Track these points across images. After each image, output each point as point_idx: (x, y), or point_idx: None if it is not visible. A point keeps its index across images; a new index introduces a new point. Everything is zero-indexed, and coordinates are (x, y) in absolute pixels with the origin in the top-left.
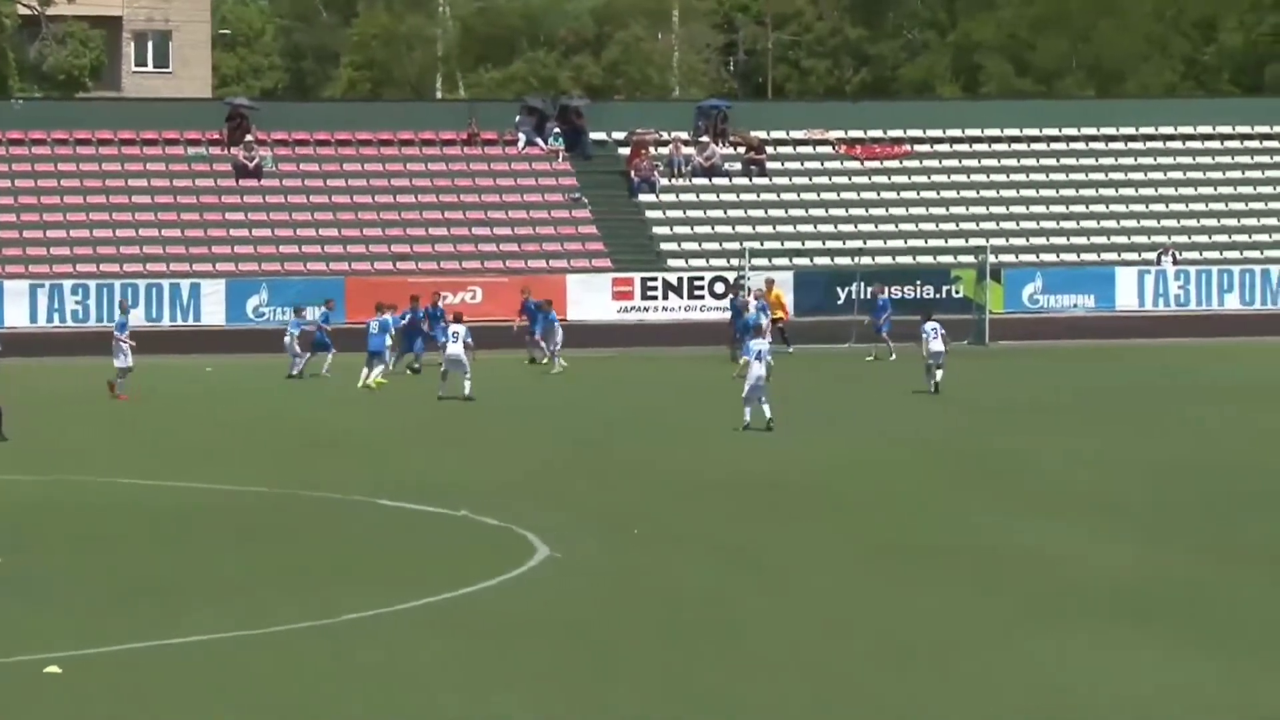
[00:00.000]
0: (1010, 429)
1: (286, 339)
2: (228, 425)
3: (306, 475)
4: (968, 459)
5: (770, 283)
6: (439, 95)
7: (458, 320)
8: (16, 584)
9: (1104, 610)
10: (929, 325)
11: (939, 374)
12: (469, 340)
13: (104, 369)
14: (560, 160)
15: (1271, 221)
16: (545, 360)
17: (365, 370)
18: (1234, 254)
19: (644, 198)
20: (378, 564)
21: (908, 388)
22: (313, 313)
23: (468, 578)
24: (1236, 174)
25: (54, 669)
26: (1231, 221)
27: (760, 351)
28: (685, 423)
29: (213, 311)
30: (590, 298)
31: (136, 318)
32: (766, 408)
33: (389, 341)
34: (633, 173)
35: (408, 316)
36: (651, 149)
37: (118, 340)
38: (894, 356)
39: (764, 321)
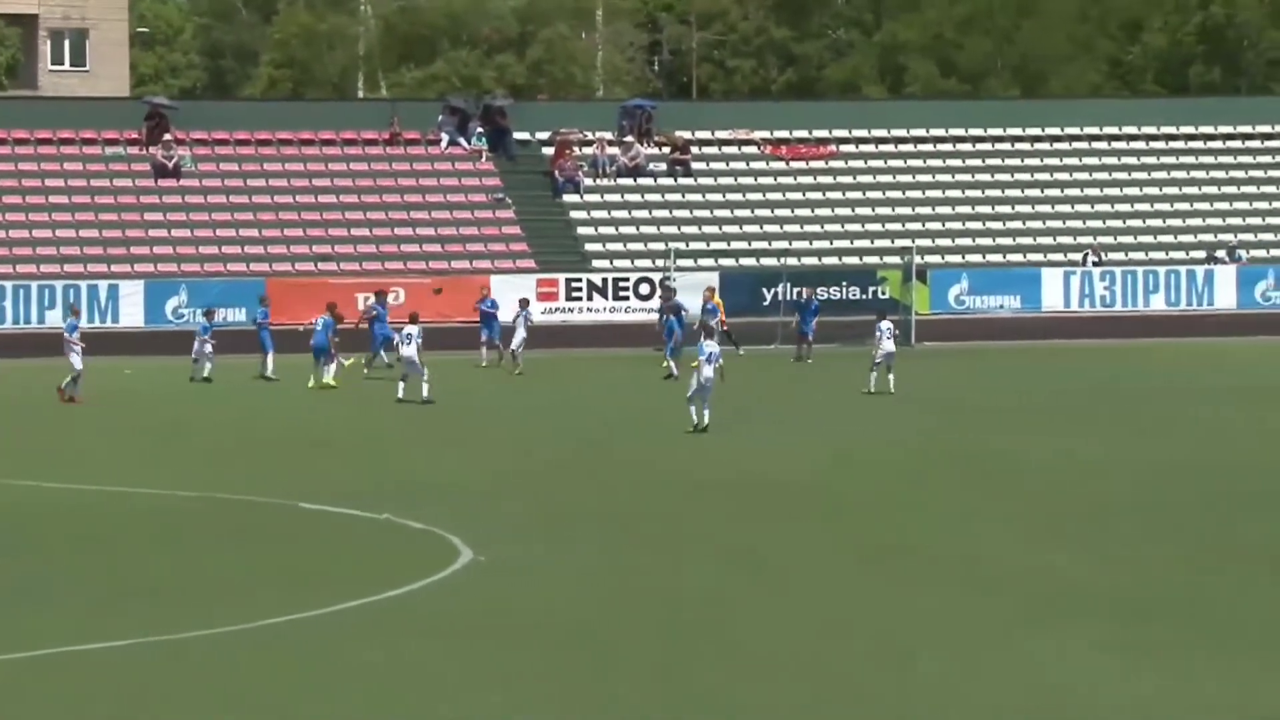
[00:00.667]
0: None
1: (196, 343)
2: (149, 428)
3: (229, 479)
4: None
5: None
6: (360, 94)
7: (413, 321)
8: None
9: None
10: (884, 324)
11: (890, 375)
12: (420, 341)
13: (21, 371)
14: (483, 160)
15: (1196, 222)
16: (504, 361)
17: (326, 369)
18: (1159, 254)
19: (568, 198)
20: (295, 568)
21: (852, 388)
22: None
23: (385, 582)
24: (1161, 174)
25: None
26: (1156, 222)
27: (712, 354)
28: (625, 424)
29: (131, 313)
30: (514, 299)
31: (54, 319)
32: (706, 412)
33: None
34: (557, 173)
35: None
36: (576, 149)
37: (69, 342)
38: (810, 360)
39: (713, 323)
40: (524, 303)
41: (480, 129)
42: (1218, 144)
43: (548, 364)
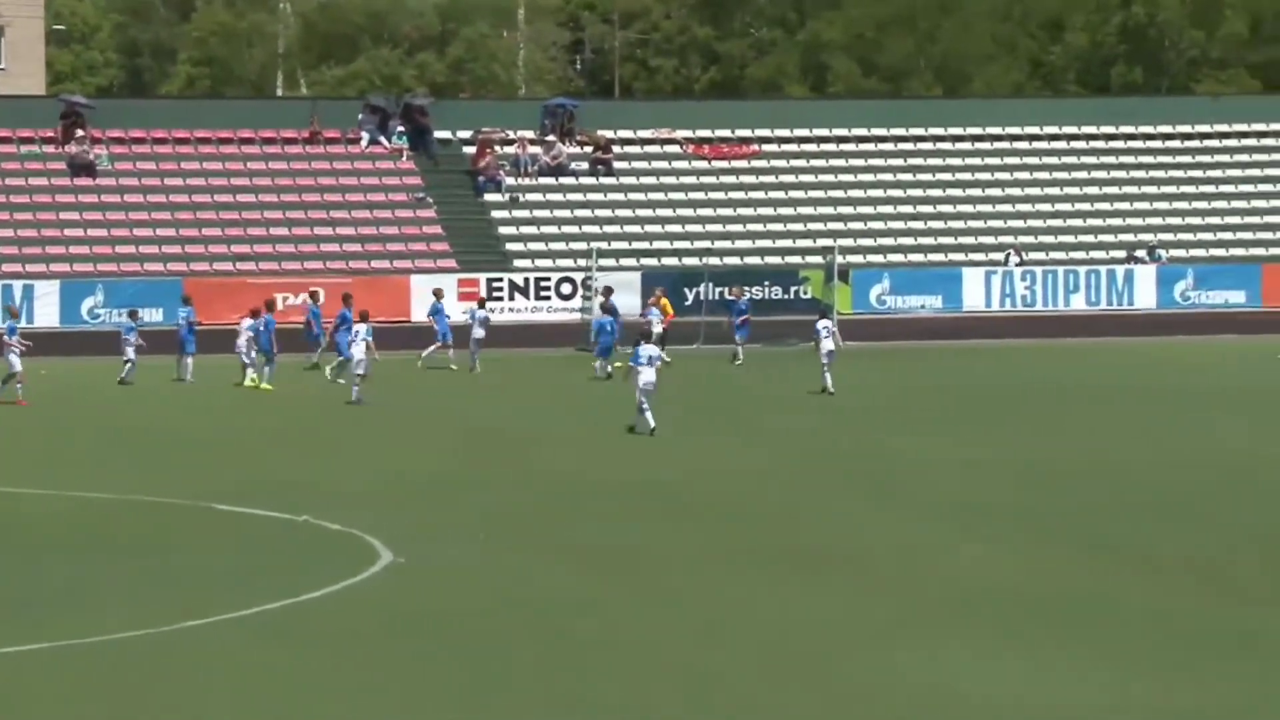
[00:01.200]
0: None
1: (124, 344)
2: (66, 430)
3: (146, 481)
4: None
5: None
6: (280, 93)
7: (364, 320)
8: None
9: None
10: (821, 324)
11: (827, 375)
12: (369, 340)
13: None
14: (404, 159)
15: (1116, 222)
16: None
17: (263, 370)
18: (1080, 254)
19: (490, 197)
20: (206, 571)
21: (786, 389)
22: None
23: (305, 584)
24: (1082, 174)
25: None
26: (1077, 222)
27: (651, 357)
28: (552, 425)
29: (46, 313)
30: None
31: None
32: (649, 415)
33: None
34: (478, 172)
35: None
36: (497, 148)
37: (7, 344)
38: (740, 360)
39: (657, 328)
40: (481, 302)
41: (401, 128)
42: (1138, 144)
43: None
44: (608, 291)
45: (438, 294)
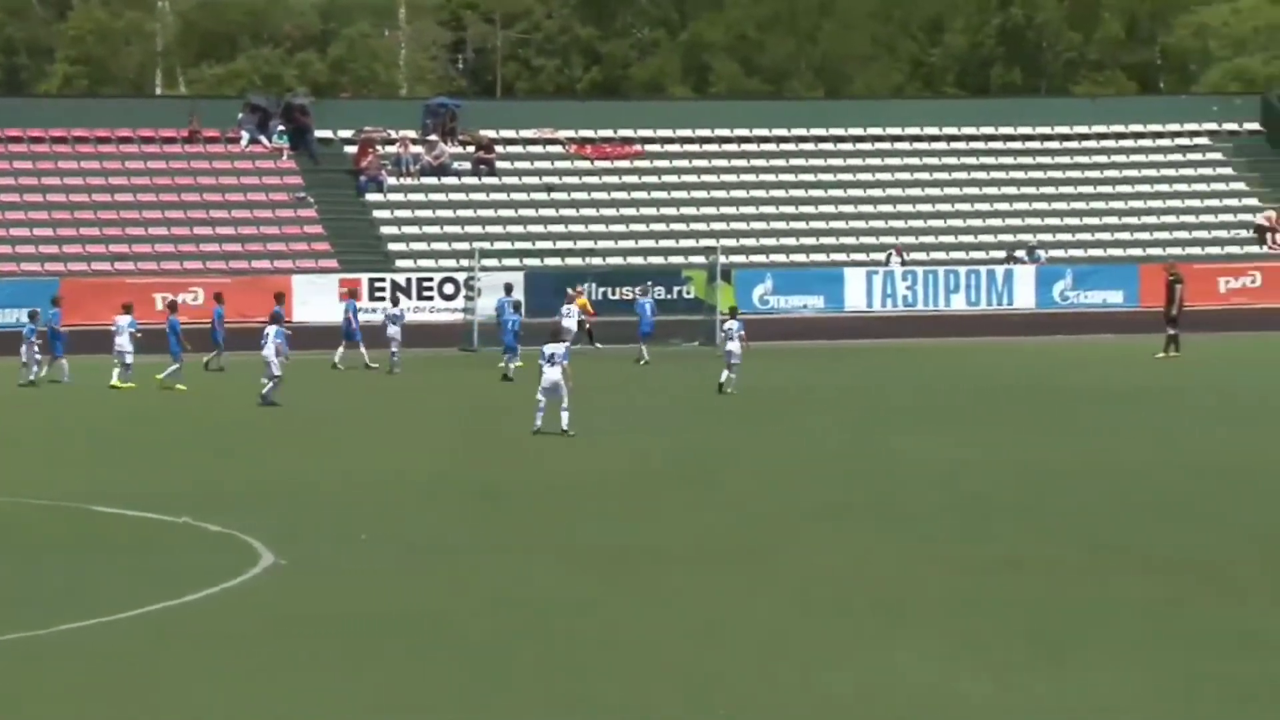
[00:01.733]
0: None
1: (23, 346)
2: None
3: (30, 483)
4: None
5: (580, 290)
6: (159, 92)
7: (274, 321)
8: None
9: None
10: (729, 324)
11: (733, 375)
12: (280, 341)
13: None
14: (285, 159)
15: (996, 222)
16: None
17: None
18: (960, 254)
19: (371, 197)
20: (83, 574)
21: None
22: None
23: (184, 586)
24: (963, 175)
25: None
26: (958, 222)
27: (554, 355)
28: (440, 426)
29: None
30: (317, 299)
31: None
32: (565, 414)
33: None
34: (360, 172)
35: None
36: (379, 147)
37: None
38: (645, 360)
39: (570, 325)
40: (395, 301)
41: (281, 127)
42: (1017, 144)
43: (357, 365)
44: (508, 289)
45: (353, 293)
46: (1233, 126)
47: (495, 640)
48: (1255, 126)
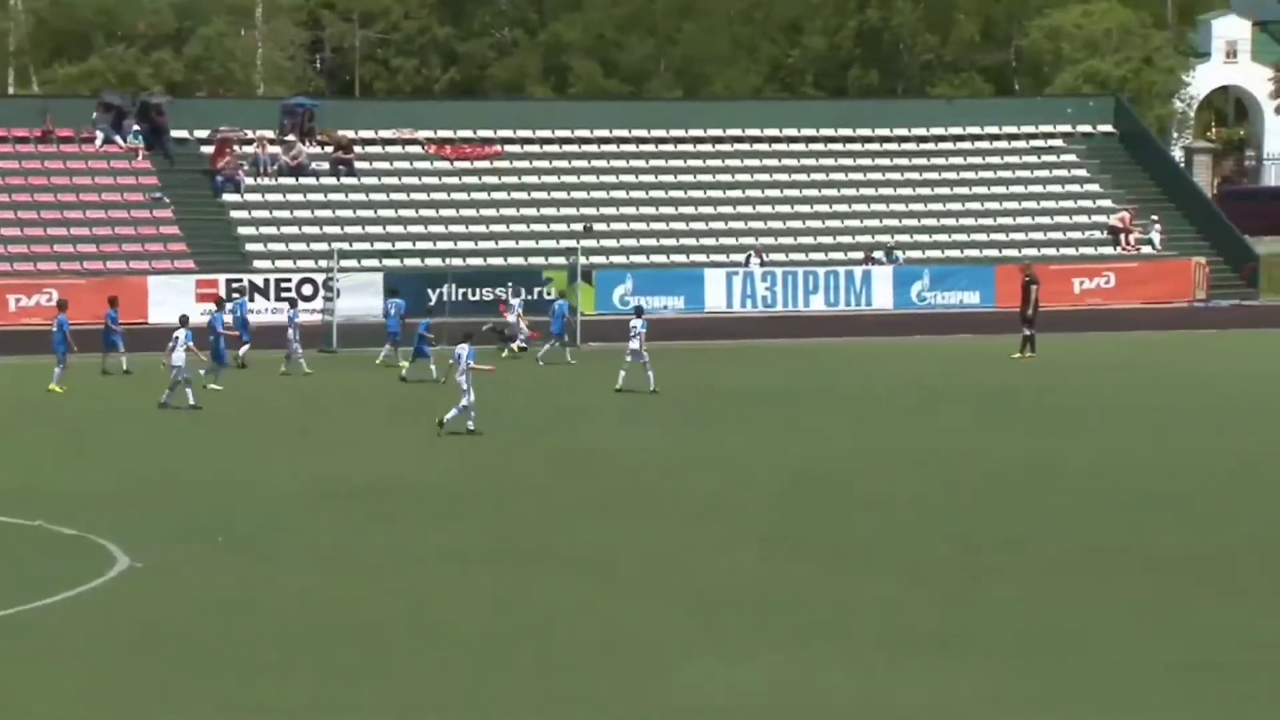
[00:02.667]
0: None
1: None
2: None
3: None
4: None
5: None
6: (11, 91)
7: (183, 324)
8: None
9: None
10: (636, 323)
11: (623, 372)
12: (190, 344)
13: None
14: (140, 158)
15: (854, 223)
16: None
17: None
18: (819, 255)
19: (228, 197)
20: None
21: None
22: None
23: (37, 590)
24: (821, 176)
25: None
26: (816, 223)
27: (460, 355)
28: (305, 428)
29: None
30: (174, 300)
31: None
32: (454, 411)
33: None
34: (217, 172)
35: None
36: (236, 147)
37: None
38: (572, 360)
39: (511, 317)
40: (293, 303)
41: (137, 126)
42: (875, 146)
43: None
44: (394, 292)
45: (241, 291)
46: (1086, 128)
47: (335, 639)
48: (1108, 128)
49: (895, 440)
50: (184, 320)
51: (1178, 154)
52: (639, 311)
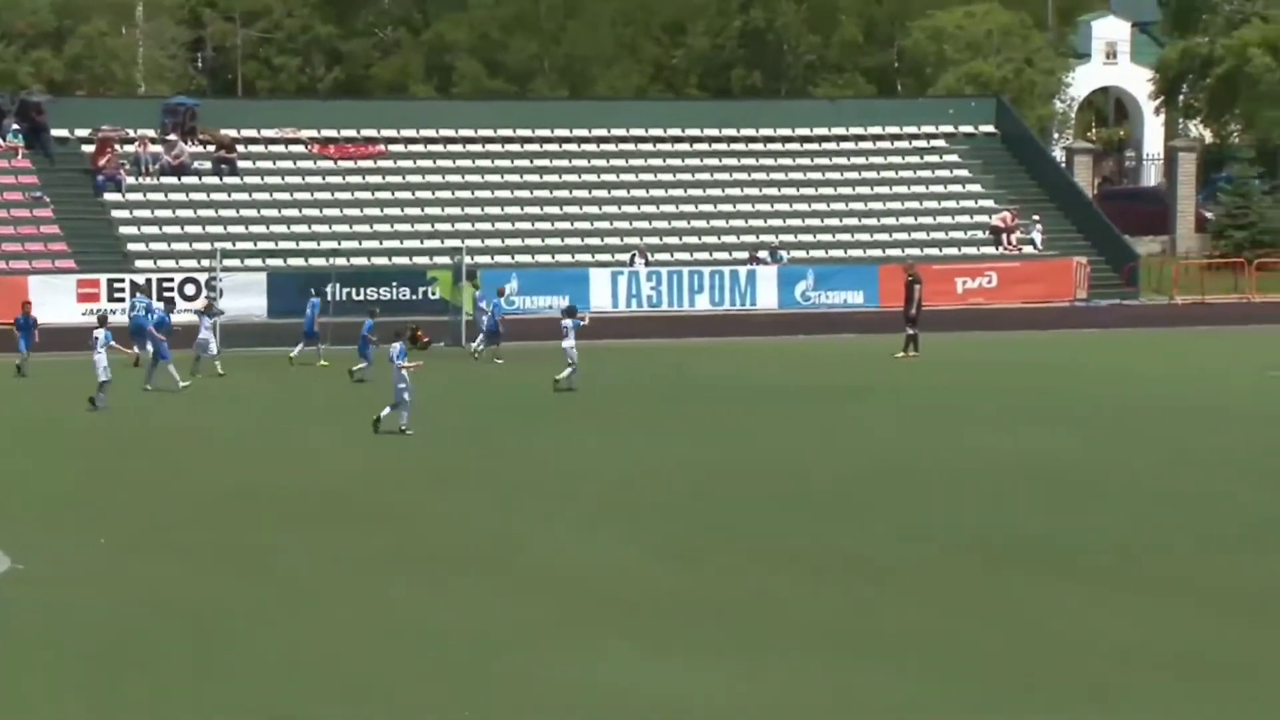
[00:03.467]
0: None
1: None
2: None
3: None
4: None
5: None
6: None
7: (101, 324)
8: None
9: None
10: (567, 322)
11: (568, 370)
12: (112, 343)
13: None
14: (19, 157)
15: (739, 223)
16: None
17: None
18: (704, 255)
19: (110, 197)
20: None
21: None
22: None
23: None
24: (705, 176)
25: None
26: (701, 223)
27: (393, 353)
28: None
29: None
30: (54, 300)
31: None
32: (388, 410)
33: None
34: (98, 171)
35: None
36: (117, 147)
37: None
38: (500, 361)
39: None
40: (209, 307)
41: (16, 125)
42: (759, 146)
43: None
44: (316, 291)
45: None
46: (968, 129)
47: (274, 642)
48: (990, 129)
49: (775, 439)
50: (103, 319)
51: (1059, 154)
52: (570, 311)
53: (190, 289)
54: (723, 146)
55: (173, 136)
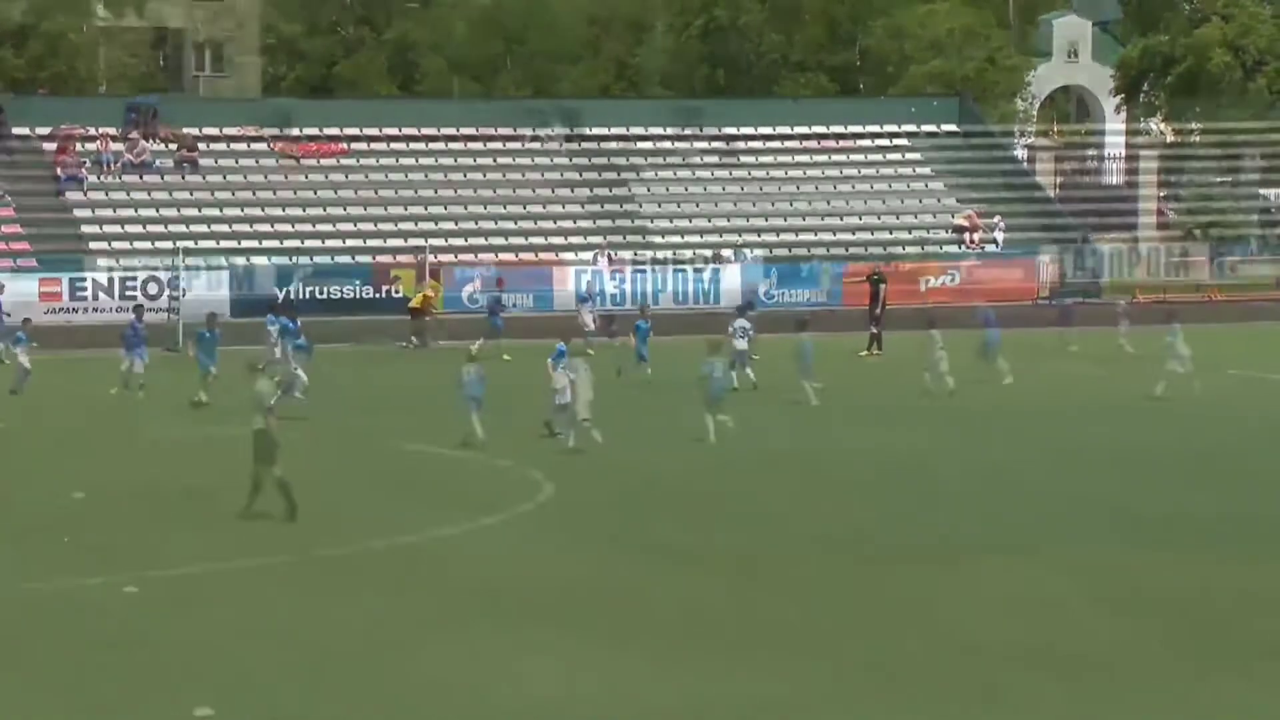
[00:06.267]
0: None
1: None
2: None
3: None
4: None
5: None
6: None
7: (23, 325)
8: None
9: (520, 610)
10: (738, 323)
11: (747, 371)
12: (34, 345)
13: None
14: None
15: (702, 222)
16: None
17: None
18: (667, 254)
19: (71, 195)
20: None
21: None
22: None
23: None
24: (668, 174)
25: None
26: (664, 222)
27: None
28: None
29: None
30: (15, 298)
31: None
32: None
33: None
34: (59, 169)
35: None
36: (78, 145)
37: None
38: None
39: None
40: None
41: None
42: (721, 145)
43: (57, 367)
44: (276, 301)
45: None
46: (931, 128)
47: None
48: (952, 128)
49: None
50: (26, 322)
51: (1021, 153)
52: (742, 310)
53: (153, 287)
54: (685, 145)
55: (134, 135)
